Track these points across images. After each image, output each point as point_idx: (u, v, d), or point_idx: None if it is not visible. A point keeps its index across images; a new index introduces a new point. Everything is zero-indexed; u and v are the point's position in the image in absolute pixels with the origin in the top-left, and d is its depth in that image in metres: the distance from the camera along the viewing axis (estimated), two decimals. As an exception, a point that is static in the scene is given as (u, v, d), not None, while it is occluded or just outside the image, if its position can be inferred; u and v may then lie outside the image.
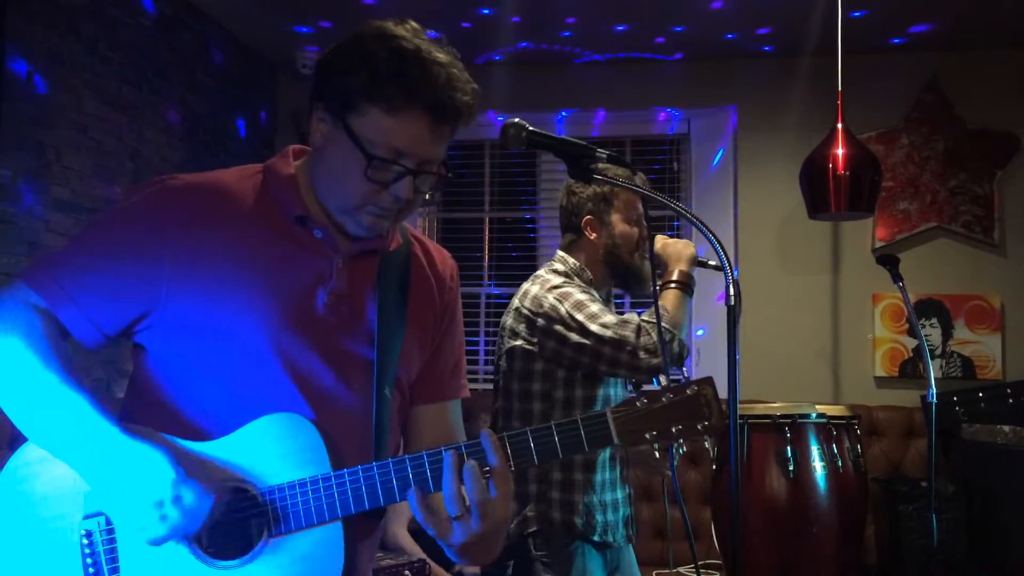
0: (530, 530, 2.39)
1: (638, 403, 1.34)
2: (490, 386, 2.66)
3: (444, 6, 4.25)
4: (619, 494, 2.50)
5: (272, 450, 1.35)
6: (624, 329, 2.31)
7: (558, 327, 2.37)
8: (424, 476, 1.34)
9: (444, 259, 1.64)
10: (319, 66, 1.42)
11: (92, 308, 1.39)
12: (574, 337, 2.35)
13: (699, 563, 2.57)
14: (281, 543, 1.34)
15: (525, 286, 2.52)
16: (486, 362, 5.14)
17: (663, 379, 1.38)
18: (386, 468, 1.35)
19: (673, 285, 2.41)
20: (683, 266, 2.43)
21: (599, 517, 2.42)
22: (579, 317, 2.34)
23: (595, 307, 2.37)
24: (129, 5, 3.90)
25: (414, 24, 1.41)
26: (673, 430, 1.33)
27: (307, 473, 1.35)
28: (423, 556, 3.68)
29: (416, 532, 3.89)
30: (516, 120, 1.60)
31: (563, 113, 5.10)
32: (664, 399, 1.33)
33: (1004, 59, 4.62)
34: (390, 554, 3.62)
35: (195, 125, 4.39)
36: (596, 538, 2.41)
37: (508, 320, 2.51)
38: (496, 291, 5.18)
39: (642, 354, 2.29)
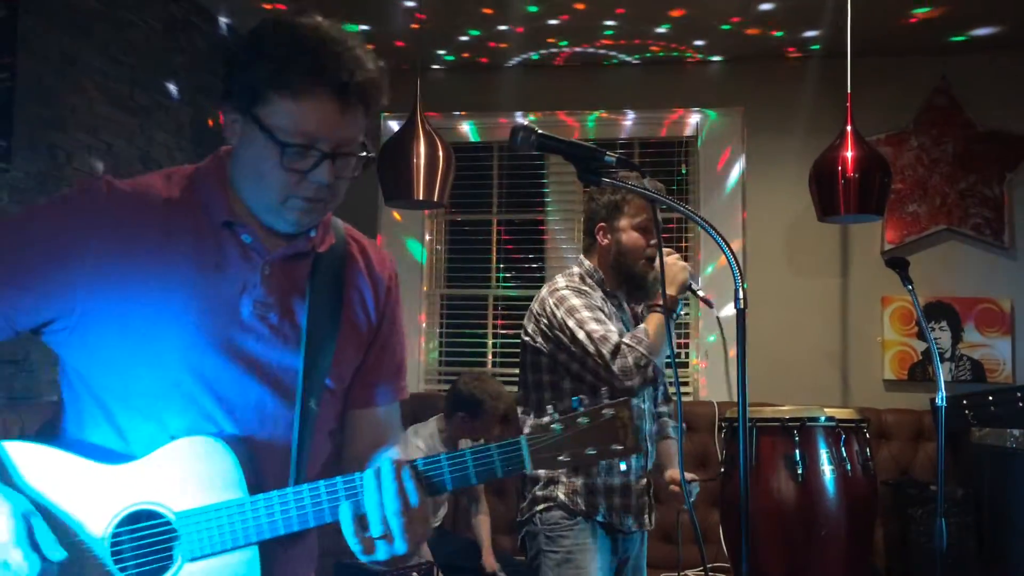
0: (539, 508, 2.57)
1: (553, 427, 1.35)
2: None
3: (453, 8, 4.26)
4: (631, 480, 2.61)
5: (187, 474, 1.34)
6: (602, 346, 2.44)
7: (555, 331, 2.54)
8: (336, 503, 1.34)
9: (383, 260, 1.60)
10: (223, 67, 1.41)
11: (4, 302, 1.36)
12: (564, 342, 2.52)
13: (707, 566, 2.59)
14: (196, 566, 1.34)
15: (542, 288, 2.69)
16: (495, 363, 5.15)
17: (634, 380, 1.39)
18: (300, 495, 1.34)
19: (659, 309, 2.52)
20: (672, 290, 2.51)
21: (601, 500, 2.56)
22: (569, 323, 2.50)
23: (586, 313, 2.50)
24: (140, 7, 3.92)
25: (315, 16, 1.40)
26: (587, 453, 1.34)
27: (222, 497, 1.34)
28: (430, 559, 3.68)
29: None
30: (526, 123, 1.62)
31: (574, 115, 5.10)
32: (580, 422, 1.35)
33: (1014, 61, 4.60)
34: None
35: (205, 127, 4.40)
36: (600, 519, 2.55)
37: (525, 321, 2.69)
38: (504, 293, 5.18)
39: (616, 373, 2.43)
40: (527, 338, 2.64)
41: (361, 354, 1.54)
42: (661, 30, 4.49)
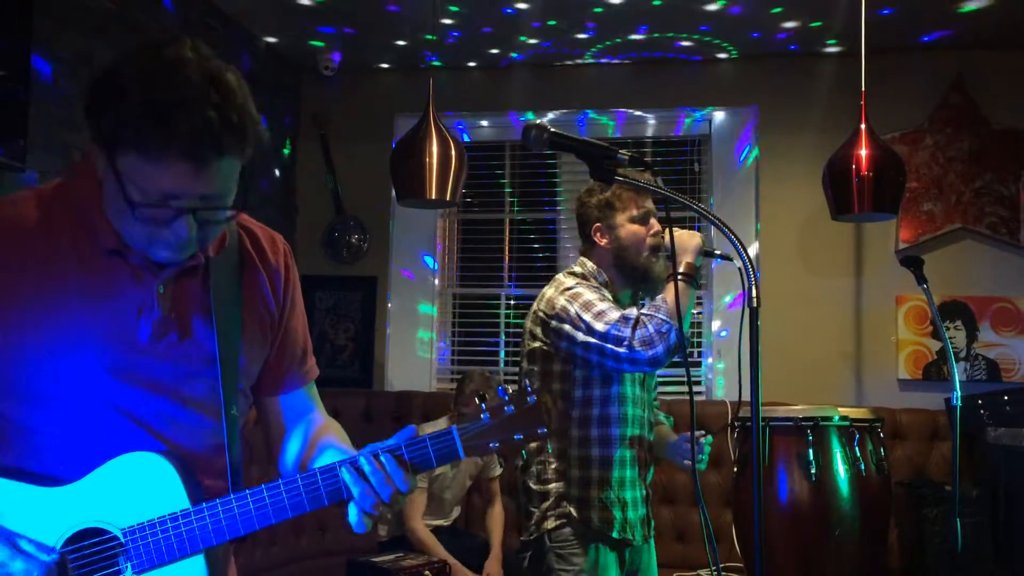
0: (549, 526, 2.49)
1: (482, 416, 1.40)
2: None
3: (466, 7, 4.26)
4: (638, 493, 2.57)
5: (128, 489, 1.36)
6: (624, 325, 2.37)
7: (568, 327, 2.46)
8: (278, 504, 1.38)
9: (275, 245, 1.55)
10: (85, 97, 1.29)
11: None
12: (581, 336, 2.43)
13: (720, 566, 2.58)
14: None
15: (544, 289, 2.61)
16: (506, 363, 5.15)
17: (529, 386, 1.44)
18: (243, 499, 1.37)
19: (679, 278, 2.43)
20: (689, 258, 2.44)
21: (617, 514, 2.50)
22: (586, 317, 2.42)
23: (603, 305, 2.43)
24: (155, 9, 3.94)
25: (187, 45, 1.28)
26: (515, 438, 1.41)
27: (165, 509, 1.36)
28: (445, 556, 3.68)
29: (436, 530, 3.89)
30: (538, 121, 1.62)
31: (586, 113, 5.10)
32: (506, 411, 1.41)
33: (1030, 59, 4.57)
34: (411, 554, 3.63)
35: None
36: (615, 534, 2.49)
37: (528, 323, 2.62)
38: (517, 292, 5.18)
39: (637, 346, 2.35)
40: (536, 343, 2.54)
41: (267, 349, 1.53)
42: (675, 28, 4.47)
